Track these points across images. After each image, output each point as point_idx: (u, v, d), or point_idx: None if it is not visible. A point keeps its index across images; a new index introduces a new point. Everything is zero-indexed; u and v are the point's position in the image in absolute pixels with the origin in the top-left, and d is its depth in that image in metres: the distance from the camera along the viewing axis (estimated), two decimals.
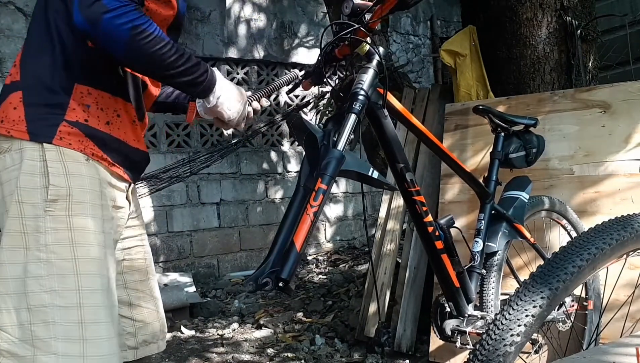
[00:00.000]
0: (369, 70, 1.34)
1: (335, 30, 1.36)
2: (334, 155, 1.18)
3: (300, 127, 1.27)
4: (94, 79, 1.16)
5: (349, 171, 1.20)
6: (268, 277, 1.06)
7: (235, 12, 5.15)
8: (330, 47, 1.40)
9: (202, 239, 4.84)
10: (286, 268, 1.06)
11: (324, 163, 1.16)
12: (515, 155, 1.89)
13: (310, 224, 1.09)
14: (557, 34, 2.84)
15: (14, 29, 4.17)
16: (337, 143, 1.21)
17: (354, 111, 1.26)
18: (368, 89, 1.31)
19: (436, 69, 5.90)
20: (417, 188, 1.48)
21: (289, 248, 1.08)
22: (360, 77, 1.33)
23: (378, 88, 1.37)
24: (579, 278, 1.15)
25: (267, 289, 1.05)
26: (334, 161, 1.17)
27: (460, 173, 1.69)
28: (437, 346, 2.42)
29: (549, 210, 2.00)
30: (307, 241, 1.09)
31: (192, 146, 4.93)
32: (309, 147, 1.25)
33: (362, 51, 1.36)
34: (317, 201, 1.11)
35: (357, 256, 5.05)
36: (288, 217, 1.15)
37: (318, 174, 1.15)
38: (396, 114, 1.47)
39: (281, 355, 2.83)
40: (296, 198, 1.18)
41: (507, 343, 1.06)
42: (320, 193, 1.12)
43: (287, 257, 1.07)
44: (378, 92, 1.37)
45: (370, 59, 1.36)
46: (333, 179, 1.16)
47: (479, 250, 1.72)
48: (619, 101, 2.28)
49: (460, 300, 1.59)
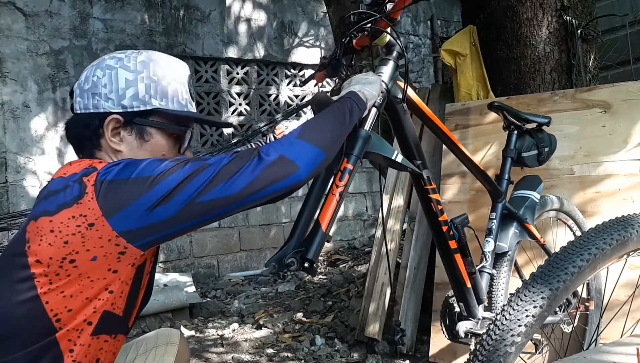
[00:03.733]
0: (389, 62, 1.29)
1: (354, 21, 1.30)
2: (361, 135, 1.15)
3: (324, 105, 1.23)
4: None
5: (373, 153, 1.17)
6: (293, 257, 1.04)
7: (235, 12, 5.15)
8: (348, 38, 1.33)
9: (201, 239, 4.84)
10: (312, 248, 1.05)
11: (350, 142, 1.14)
12: (528, 154, 1.85)
13: (336, 204, 1.08)
14: (558, 33, 2.84)
15: (13, 29, 4.17)
16: (364, 123, 1.18)
17: (374, 104, 1.21)
18: (388, 82, 1.26)
19: (436, 69, 5.90)
20: (433, 186, 1.46)
21: (314, 228, 1.06)
22: (379, 69, 1.28)
23: (398, 81, 1.32)
24: (580, 278, 1.15)
25: (292, 269, 1.03)
26: (361, 141, 1.14)
27: (473, 171, 1.68)
28: (438, 346, 2.41)
29: (557, 210, 1.99)
30: (332, 222, 1.07)
31: (192, 146, 4.92)
32: None
33: (381, 42, 1.31)
34: (342, 181, 1.09)
35: (357, 256, 5.05)
36: (310, 198, 1.13)
37: (344, 154, 1.12)
38: (415, 109, 1.42)
39: (281, 355, 2.83)
40: (318, 179, 1.15)
41: (507, 343, 1.06)
42: (346, 173, 1.10)
43: (313, 237, 1.06)
44: (397, 85, 1.32)
45: (390, 51, 1.31)
46: (359, 159, 1.13)
47: (490, 250, 1.70)
48: (619, 101, 2.28)
49: (471, 300, 1.57)
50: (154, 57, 1.10)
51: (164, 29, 4.78)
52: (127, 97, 1.05)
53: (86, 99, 1.06)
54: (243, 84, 5.25)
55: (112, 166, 0.97)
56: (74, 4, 4.40)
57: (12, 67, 4.15)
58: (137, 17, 4.68)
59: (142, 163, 0.96)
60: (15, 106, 4.14)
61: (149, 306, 3.40)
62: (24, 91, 4.20)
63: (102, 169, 0.96)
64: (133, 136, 1.06)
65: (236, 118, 5.19)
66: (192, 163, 0.95)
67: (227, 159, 0.95)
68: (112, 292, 0.97)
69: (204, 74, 5.03)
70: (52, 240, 0.94)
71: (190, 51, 4.89)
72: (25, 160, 4.14)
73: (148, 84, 1.06)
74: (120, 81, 1.05)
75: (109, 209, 0.92)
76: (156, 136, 1.08)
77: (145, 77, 1.06)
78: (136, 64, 1.07)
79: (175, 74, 1.10)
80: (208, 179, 0.92)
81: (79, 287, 0.94)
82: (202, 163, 0.95)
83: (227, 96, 5.16)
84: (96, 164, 1.00)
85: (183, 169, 0.93)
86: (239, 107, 5.21)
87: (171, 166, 0.94)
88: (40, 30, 4.26)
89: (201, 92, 5.02)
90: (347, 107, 1.10)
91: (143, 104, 1.06)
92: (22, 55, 4.18)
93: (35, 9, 4.25)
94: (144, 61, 1.08)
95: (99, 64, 1.08)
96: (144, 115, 1.07)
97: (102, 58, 1.09)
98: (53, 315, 0.95)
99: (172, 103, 1.09)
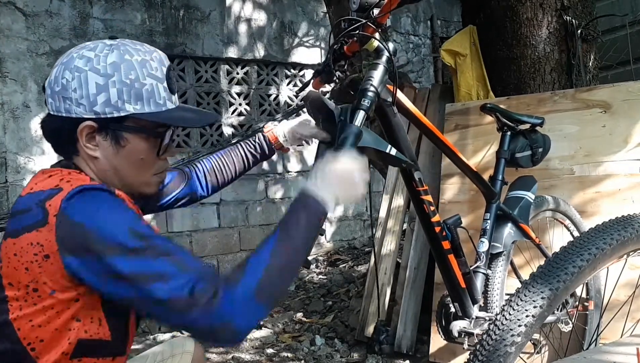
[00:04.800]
0: (378, 66, 1.30)
1: (345, 27, 1.31)
2: (352, 130, 1.16)
3: (316, 104, 1.24)
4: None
5: (366, 148, 1.17)
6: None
7: (235, 12, 5.15)
8: (339, 44, 1.35)
9: (202, 239, 4.84)
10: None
11: (341, 138, 1.14)
12: (522, 154, 1.86)
13: None
14: (558, 33, 2.84)
15: (13, 29, 4.17)
16: (355, 119, 1.19)
17: (362, 108, 1.22)
18: (378, 86, 1.28)
19: (436, 69, 5.91)
20: (425, 188, 1.46)
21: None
22: (369, 74, 1.29)
23: (387, 85, 1.34)
24: (580, 278, 1.15)
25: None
26: (352, 136, 1.15)
27: (467, 172, 1.68)
28: (438, 346, 2.41)
29: (553, 210, 1.99)
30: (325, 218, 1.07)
31: (192, 146, 4.93)
32: (326, 124, 1.23)
33: (370, 47, 1.32)
34: None
35: (357, 256, 5.05)
36: None
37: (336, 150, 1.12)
38: (405, 111, 1.44)
39: (281, 355, 2.83)
40: None
41: (507, 343, 1.06)
42: None
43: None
44: (387, 89, 1.34)
45: (379, 55, 1.32)
46: None
47: (484, 250, 1.71)
48: (619, 101, 2.28)
49: (466, 300, 1.57)
50: (127, 55, 0.99)
51: (164, 29, 4.78)
52: (99, 104, 0.97)
53: (57, 102, 0.99)
54: (243, 84, 5.25)
55: (76, 198, 0.90)
56: (74, 4, 4.40)
57: (12, 67, 4.15)
58: (137, 17, 4.68)
59: (105, 207, 0.90)
60: (15, 106, 4.14)
61: None
62: (24, 91, 4.19)
63: (65, 200, 0.90)
64: (108, 141, 1.00)
65: (236, 118, 5.19)
66: (162, 260, 0.88)
67: (189, 287, 0.86)
68: (79, 320, 0.93)
69: (204, 74, 5.03)
70: (15, 264, 0.91)
71: (190, 51, 4.89)
72: (26, 160, 4.14)
73: (120, 88, 0.98)
74: (90, 85, 0.97)
75: (65, 249, 0.88)
76: (133, 141, 1.02)
77: (117, 81, 0.98)
78: (107, 67, 0.98)
79: (151, 70, 1.01)
80: (161, 298, 0.86)
81: (45, 318, 0.91)
82: (171, 267, 0.88)
83: (227, 96, 5.16)
84: (63, 183, 0.94)
85: (150, 262, 0.87)
86: (239, 107, 5.21)
87: (139, 248, 0.88)
88: (40, 31, 4.26)
89: (201, 92, 5.02)
90: (312, 239, 1.00)
91: (116, 110, 0.98)
92: (22, 55, 4.18)
93: (35, 9, 4.25)
94: (115, 62, 0.98)
95: (68, 63, 0.99)
96: (118, 120, 1.00)
97: (71, 55, 1.00)
98: (27, 343, 0.92)
99: (148, 105, 1.00)
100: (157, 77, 1.02)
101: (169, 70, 1.05)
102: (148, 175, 1.07)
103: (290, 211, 0.99)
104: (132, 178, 1.04)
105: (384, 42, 1.31)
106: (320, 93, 1.24)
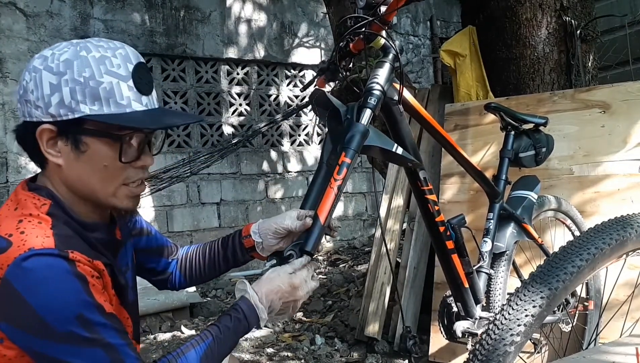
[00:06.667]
0: (384, 64, 1.30)
1: (351, 25, 1.31)
2: (358, 129, 1.16)
3: (322, 102, 1.23)
4: None
5: (372, 147, 1.18)
6: (292, 250, 1.06)
7: (235, 13, 5.15)
8: (345, 41, 1.35)
9: (202, 239, 4.84)
10: (310, 240, 1.05)
11: (348, 136, 1.14)
12: (525, 154, 1.86)
13: (334, 198, 1.09)
14: (557, 34, 2.84)
15: (14, 30, 4.17)
16: (362, 117, 1.19)
17: (369, 106, 1.21)
18: (384, 84, 1.27)
19: (436, 70, 5.91)
20: (430, 187, 1.47)
21: (313, 222, 1.07)
22: (375, 72, 1.29)
23: (394, 83, 1.33)
24: (579, 278, 1.15)
25: (290, 262, 1.04)
26: (358, 135, 1.15)
27: (470, 172, 1.68)
28: (437, 346, 2.42)
29: (555, 210, 1.99)
30: (330, 215, 1.08)
31: (193, 146, 4.93)
32: (332, 122, 1.22)
33: (377, 45, 1.32)
34: (340, 174, 1.10)
35: (357, 256, 5.05)
36: (311, 193, 1.14)
37: (342, 148, 1.13)
38: (411, 110, 1.44)
39: (281, 355, 2.83)
40: (319, 175, 1.16)
41: (506, 343, 1.06)
42: (344, 166, 1.11)
43: (311, 230, 1.06)
44: (393, 87, 1.34)
45: (385, 53, 1.32)
46: (357, 153, 1.14)
47: (487, 250, 1.71)
48: (618, 101, 2.28)
49: (468, 300, 1.57)
50: (83, 51, 0.90)
51: (164, 30, 4.78)
52: (53, 105, 0.89)
53: (23, 106, 0.92)
54: (243, 84, 5.25)
55: (23, 266, 0.83)
56: (75, 5, 4.41)
57: (12, 67, 4.15)
58: (137, 18, 4.68)
59: (51, 285, 0.83)
60: (15, 106, 4.14)
61: (149, 306, 3.41)
62: None
63: (11, 265, 0.83)
64: (69, 147, 0.92)
65: (236, 118, 5.19)
66: (98, 352, 0.84)
67: None
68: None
69: (204, 74, 5.04)
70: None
71: (191, 51, 4.89)
72: (26, 160, 4.15)
73: (73, 87, 0.88)
74: (44, 85, 0.89)
75: (2, 312, 0.84)
76: (93, 146, 0.91)
77: (69, 80, 0.88)
78: (59, 64, 0.89)
79: (110, 68, 0.90)
80: None
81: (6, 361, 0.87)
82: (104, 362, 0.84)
83: (228, 97, 5.16)
84: (17, 235, 0.86)
85: (86, 353, 0.84)
86: (239, 107, 5.22)
87: (77, 335, 0.83)
88: (41, 31, 4.27)
89: (201, 92, 5.02)
90: (242, 331, 1.00)
91: (71, 111, 0.89)
92: (22, 55, 4.19)
93: (36, 9, 4.26)
94: (68, 59, 0.89)
95: (28, 64, 0.93)
96: (76, 123, 0.90)
97: (34, 56, 0.93)
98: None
99: (107, 106, 0.90)
100: (118, 75, 0.91)
101: (139, 68, 0.94)
102: (115, 185, 0.95)
103: (224, 318, 0.99)
104: (97, 189, 0.94)
105: (390, 39, 1.31)
106: (326, 91, 1.24)
